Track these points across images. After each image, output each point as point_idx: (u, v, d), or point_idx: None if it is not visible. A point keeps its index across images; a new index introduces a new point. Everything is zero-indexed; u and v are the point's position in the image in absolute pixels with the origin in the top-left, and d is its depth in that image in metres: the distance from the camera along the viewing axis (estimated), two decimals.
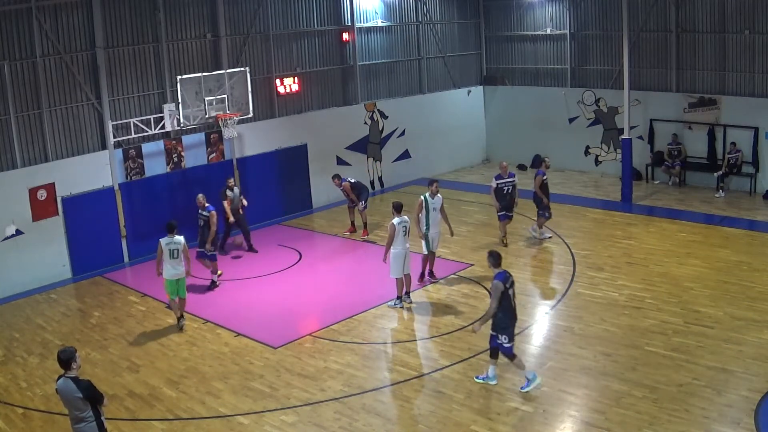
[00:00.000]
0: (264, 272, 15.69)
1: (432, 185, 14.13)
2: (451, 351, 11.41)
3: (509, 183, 15.98)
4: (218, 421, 9.84)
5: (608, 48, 22.44)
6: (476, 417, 9.46)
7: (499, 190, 15.91)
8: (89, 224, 16.27)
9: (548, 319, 12.56)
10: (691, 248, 15.53)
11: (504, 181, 15.95)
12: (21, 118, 15.46)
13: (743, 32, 19.49)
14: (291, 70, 20.15)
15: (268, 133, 19.53)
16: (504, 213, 16.11)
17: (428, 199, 13.99)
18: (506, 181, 15.96)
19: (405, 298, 13.37)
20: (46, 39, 15.60)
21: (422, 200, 14.02)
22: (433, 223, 14.01)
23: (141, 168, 17.25)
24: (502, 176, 15.97)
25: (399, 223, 13.03)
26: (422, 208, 13.94)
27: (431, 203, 14.00)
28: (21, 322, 13.89)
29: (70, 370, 7.45)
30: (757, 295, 12.80)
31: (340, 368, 11.09)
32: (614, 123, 22.20)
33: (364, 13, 21.94)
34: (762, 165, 19.49)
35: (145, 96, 17.30)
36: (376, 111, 22.30)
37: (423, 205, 13.95)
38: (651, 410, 9.29)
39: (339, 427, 9.48)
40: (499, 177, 15.98)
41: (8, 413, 10.37)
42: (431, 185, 14.16)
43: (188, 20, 17.90)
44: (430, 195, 14.01)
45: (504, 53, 25.17)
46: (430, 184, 14.22)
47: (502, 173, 16.00)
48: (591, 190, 21.06)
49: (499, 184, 15.92)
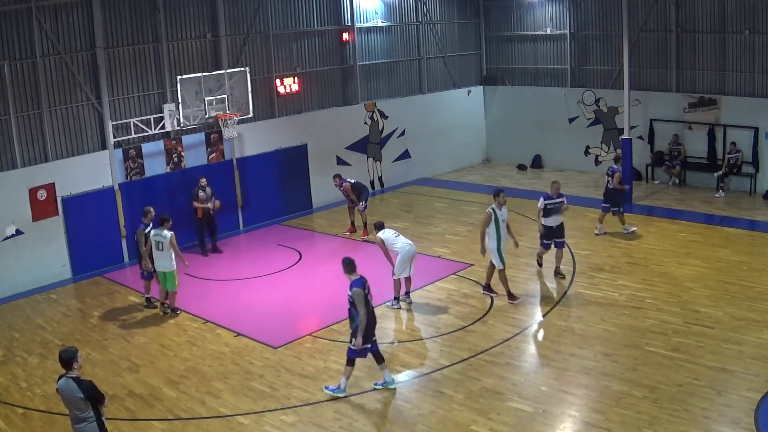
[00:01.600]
0: (264, 272, 15.68)
1: (498, 196, 13.03)
2: (451, 351, 11.41)
3: (558, 204, 14.01)
4: (218, 421, 9.84)
5: (608, 48, 22.45)
6: (476, 417, 9.46)
7: (547, 211, 13.99)
8: (89, 224, 16.27)
9: (548, 319, 12.56)
10: (691, 248, 15.53)
11: (553, 201, 13.95)
12: (21, 118, 15.46)
13: (743, 32, 19.49)
14: (291, 70, 20.15)
15: (268, 133, 19.53)
16: (552, 240, 14.17)
17: (496, 211, 12.93)
18: (555, 202, 13.97)
19: (405, 299, 13.36)
20: (46, 39, 15.60)
21: (491, 213, 12.91)
22: (503, 237, 12.97)
23: (141, 168, 17.24)
24: (551, 196, 13.98)
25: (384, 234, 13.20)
26: (491, 222, 12.88)
27: (500, 215, 12.94)
28: (21, 322, 13.89)
29: (72, 370, 7.46)
30: (757, 295, 12.80)
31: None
32: (614, 123, 22.20)
33: (364, 13, 21.94)
34: (762, 165, 19.49)
35: (145, 96, 17.30)
36: (376, 111, 22.30)
37: (492, 219, 12.87)
38: (651, 410, 9.29)
39: (339, 427, 9.48)
40: (548, 197, 13.98)
41: (8, 413, 10.37)
42: (497, 196, 13.05)
43: (188, 20, 17.90)
44: (497, 206, 12.97)
45: (504, 53, 25.17)
46: (497, 194, 13.10)
47: (552, 193, 14.00)
48: (591, 190, 21.04)
49: (547, 205, 13.96)
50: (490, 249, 13.03)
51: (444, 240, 17.14)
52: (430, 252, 16.06)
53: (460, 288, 14.07)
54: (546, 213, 13.89)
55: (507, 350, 11.34)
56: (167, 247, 13.13)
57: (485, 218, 13.00)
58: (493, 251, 13.01)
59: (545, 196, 13.99)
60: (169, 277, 13.29)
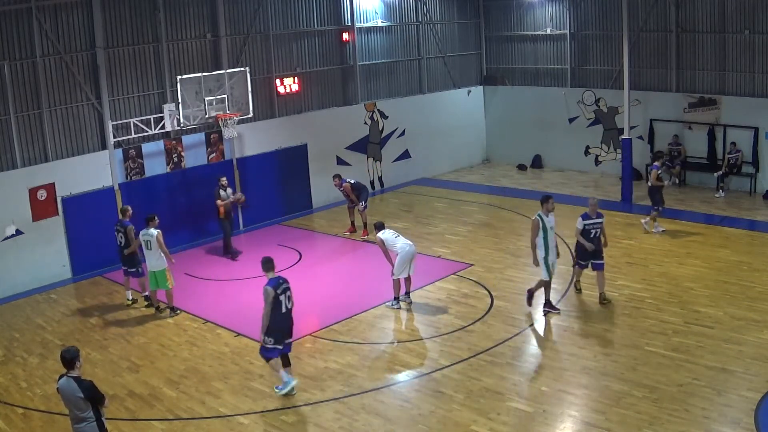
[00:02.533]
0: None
1: (547, 202, 12.31)
2: (451, 351, 11.41)
3: (597, 225, 12.80)
4: (218, 421, 9.84)
5: (608, 48, 22.45)
6: (476, 417, 9.46)
7: (586, 232, 12.75)
8: (89, 224, 16.26)
9: (548, 319, 12.55)
10: (691, 248, 15.53)
11: (592, 222, 12.75)
12: (21, 118, 15.46)
13: (743, 32, 19.49)
14: (291, 70, 20.15)
15: (268, 133, 19.53)
16: (590, 261, 12.93)
17: (544, 218, 12.25)
18: (594, 223, 12.77)
19: (405, 299, 13.36)
20: (46, 39, 15.60)
21: (538, 220, 12.23)
22: (552, 245, 12.34)
23: (141, 168, 17.25)
24: (590, 216, 12.81)
25: (384, 234, 13.17)
26: (539, 230, 12.24)
27: (547, 223, 12.28)
28: (21, 322, 13.89)
29: (74, 370, 7.46)
30: (757, 295, 12.80)
31: (340, 368, 11.09)
32: (614, 123, 22.20)
33: (364, 13, 21.95)
34: (762, 165, 19.49)
35: (145, 96, 17.31)
36: (376, 111, 22.30)
37: (540, 227, 12.22)
38: (651, 410, 9.29)
39: (339, 427, 9.48)
40: (587, 217, 12.80)
41: (8, 413, 10.37)
42: (546, 202, 12.31)
43: (188, 20, 17.90)
44: (545, 213, 12.26)
45: (504, 53, 25.17)
46: (545, 200, 12.34)
47: (590, 212, 12.83)
48: (591, 190, 21.04)
49: (586, 226, 12.74)
50: (539, 259, 12.39)
51: (444, 240, 17.14)
52: (430, 252, 16.06)
53: (460, 288, 14.07)
54: (585, 234, 12.76)
55: (507, 350, 11.34)
56: (155, 245, 13.14)
57: (533, 227, 12.28)
58: (540, 261, 12.36)
59: (584, 216, 12.83)
60: (160, 276, 13.26)
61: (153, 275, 13.35)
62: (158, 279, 13.30)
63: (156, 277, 13.30)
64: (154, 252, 13.20)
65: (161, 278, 13.29)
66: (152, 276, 13.38)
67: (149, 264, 13.33)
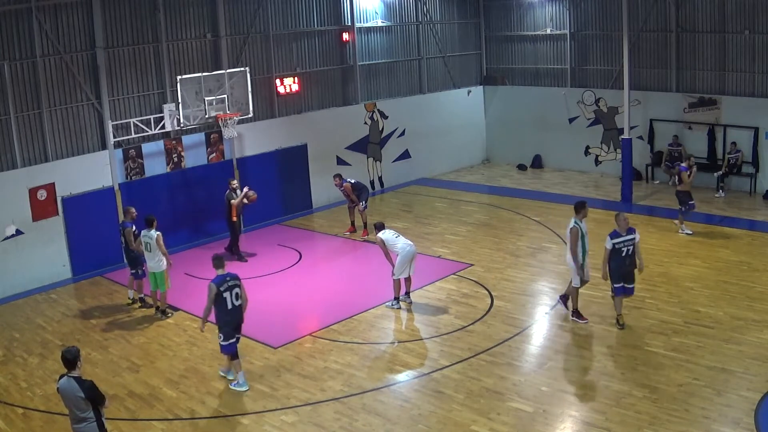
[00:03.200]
0: (264, 272, 15.68)
1: (583, 208, 11.99)
2: (451, 351, 11.41)
3: (629, 242, 11.56)
4: (218, 421, 9.84)
5: (608, 48, 22.45)
6: (476, 417, 9.46)
7: (616, 252, 11.53)
8: (89, 224, 16.27)
9: (548, 319, 12.56)
10: (691, 248, 15.53)
11: (622, 240, 11.52)
12: (21, 118, 15.46)
13: (743, 32, 19.49)
14: (291, 70, 20.15)
15: (268, 133, 19.53)
16: (622, 285, 11.69)
17: (580, 224, 11.88)
18: (625, 240, 11.54)
19: (405, 299, 13.36)
20: (46, 39, 15.60)
21: (576, 227, 11.76)
22: (587, 252, 11.94)
23: (141, 168, 17.25)
24: (620, 233, 11.56)
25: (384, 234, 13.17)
26: (578, 237, 11.80)
27: (583, 228, 11.91)
28: (21, 322, 13.89)
29: (74, 370, 7.46)
30: (757, 295, 12.80)
31: (340, 368, 11.10)
32: (614, 123, 22.21)
33: (364, 13, 21.95)
34: (762, 165, 19.50)
35: (145, 96, 17.31)
36: (376, 111, 22.30)
37: (579, 234, 11.78)
38: (651, 410, 9.29)
39: (339, 427, 9.49)
40: (616, 234, 11.55)
41: (8, 413, 10.37)
42: (582, 208, 11.97)
43: (188, 20, 17.90)
44: (580, 219, 11.91)
45: (504, 53, 25.17)
46: (581, 207, 11.99)
47: (620, 229, 11.57)
48: (591, 190, 21.06)
49: (616, 245, 11.50)
50: (569, 265, 12.05)
51: (444, 240, 17.14)
52: (430, 252, 16.06)
53: (460, 288, 14.07)
54: (615, 254, 11.49)
55: (507, 350, 11.34)
56: (155, 247, 13.14)
57: (572, 235, 11.78)
58: (574, 268, 11.95)
59: (612, 234, 11.55)
60: (159, 278, 13.28)
61: (153, 276, 13.36)
62: (158, 280, 13.30)
63: (156, 278, 13.31)
64: (153, 254, 13.20)
65: (160, 280, 13.29)
66: (152, 277, 13.39)
67: (149, 265, 13.34)
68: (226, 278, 10.39)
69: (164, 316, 13.48)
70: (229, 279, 10.41)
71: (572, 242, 11.82)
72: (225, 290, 10.30)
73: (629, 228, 11.61)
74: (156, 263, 13.18)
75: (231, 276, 10.47)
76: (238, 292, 10.44)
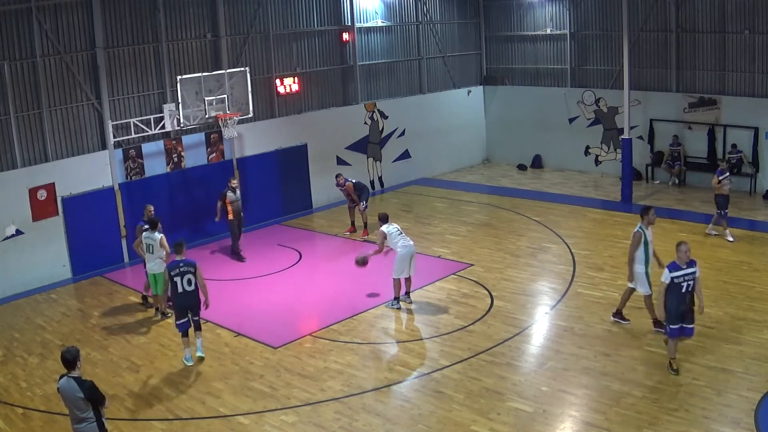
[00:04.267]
0: (264, 272, 15.69)
1: (648, 213, 11.40)
2: (451, 351, 11.41)
3: (689, 277, 9.96)
4: (218, 421, 9.84)
5: (608, 48, 22.45)
6: (476, 417, 9.46)
7: (674, 287, 9.90)
8: (89, 224, 16.27)
9: (548, 319, 12.56)
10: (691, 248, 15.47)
11: (682, 273, 9.91)
12: (21, 118, 15.46)
13: (743, 32, 19.49)
14: (291, 70, 20.15)
15: (268, 133, 19.53)
16: (680, 326, 10.03)
17: (645, 230, 11.36)
18: (685, 274, 9.93)
19: (405, 299, 13.35)
20: (46, 39, 15.60)
21: (641, 233, 11.28)
22: (651, 259, 11.43)
23: (141, 168, 17.25)
24: (679, 266, 9.96)
25: (388, 228, 13.15)
26: (640, 243, 11.31)
27: (648, 235, 11.37)
28: (21, 322, 13.89)
29: (74, 370, 7.46)
30: (757, 295, 12.80)
31: (340, 368, 11.09)
32: (614, 123, 22.21)
33: (364, 13, 21.95)
34: (762, 165, 19.49)
35: (145, 96, 17.31)
36: (376, 111, 22.30)
37: (642, 240, 11.29)
38: (651, 410, 9.29)
39: (339, 427, 9.48)
40: (675, 267, 9.95)
41: (8, 413, 10.37)
42: (647, 213, 11.40)
43: (188, 20, 17.90)
44: (645, 225, 11.38)
45: (504, 53, 25.17)
46: (646, 211, 11.43)
47: (679, 261, 9.97)
48: (591, 190, 21.07)
49: (675, 279, 9.89)
50: (636, 273, 11.49)
51: (444, 240, 17.14)
52: (430, 252, 16.06)
53: (460, 288, 14.07)
54: (673, 289, 9.93)
55: (507, 350, 11.34)
56: (157, 249, 13.09)
57: (634, 240, 11.33)
58: (640, 275, 11.42)
59: (671, 266, 9.99)
60: (159, 279, 13.18)
61: (153, 277, 13.27)
62: (157, 282, 13.23)
63: (155, 279, 13.24)
64: (155, 255, 13.11)
65: (160, 281, 13.22)
66: (152, 278, 13.30)
67: (149, 267, 13.28)
68: (179, 264, 11.17)
69: (164, 316, 13.46)
70: (183, 265, 11.16)
71: (631, 247, 11.37)
72: (176, 275, 11.12)
73: (690, 260, 10.02)
74: (156, 264, 13.14)
75: (185, 262, 11.20)
76: (191, 278, 11.16)
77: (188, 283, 11.17)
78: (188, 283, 11.17)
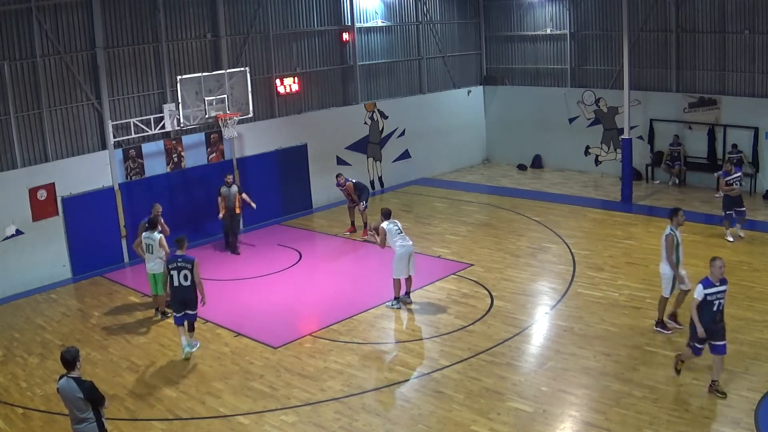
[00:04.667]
0: (264, 272, 15.69)
1: (677, 215, 11.36)
2: (451, 351, 11.41)
3: (721, 294, 9.52)
4: (218, 421, 9.84)
5: (608, 48, 22.45)
6: (476, 417, 9.46)
7: (707, 304, 9.42)
8: (89, 224, 16.27)
9: (548, 319, 12.56)
10: (691, 248, 15.46)
11: (715, 291, 9.45)
12: (21, 118, 15.46)
13: (743, 32, 19.49)
14: (291, 70, 20.15)
15: (268, 133, 19.53)
16: (711, 342, 9.51)
17: (675, 232, 11.25)
18: (718, 291, 9.47)
19: (405, 299, 13.35)
20: (46, 39, 15.60)
21: (672, 235, 11.17)
22: (681, 261, 11.30)
23: (141, 168, 17.25)
24: (713, 282, 9.47)
25: (389, 224, 13.13)
26: (674, 245, 11.18)
27: (678, 237, 11.24)
28: (21, 322, 13.89)
29: (74, 370, 7.46)
30: (757, 295, 12.80)
31: (340, 368, 11.09)
32: (614, 123, 22.21)
33: (364, 13, 21.95)
34: (762, 165, 19.49)
35: (145, 96, 17.31)
36: (376, 111, 22.30)
37: (674, 242, 11.16)
38: (651, 410, 9.29)
39: (339, 427, 9.48)
40: (709, 284, 9.46)
41: (8, 413, 10.37)
42: (677, 215, 11.37)
43: (188, 20, 17.90)
44: (675, 227, 11.29)
45: (504, 53, 25.17)
46: (675, 213, 11.40)
47: (713, 277, 9.49)
48: (591, 190, 21.07)
49: (708, 296, 9.41)
50: (663, 274, 11.37)
51: (444, 240, 17.14)
52: (430, 252, 16.06)
53: (460, 288, 14.07)
54: (705, 307, 9.43)
55: (507, 350, 11.34)
56: (157, 249, 13.11)
57: (667, 243, 11.18)
58: (666, 277, 11.33)
59: (704, 282, 9.48)
60: (159, 279, 13.15)
61: (153, 277, 13.27)
62: (157, 282, 13.23)
63: (155, 279, 13.23)
64: (155, 255, 13.13)
65: (159, 282, 13.20)
66: (152, 278, 13.30)
67: (148, 267, 13.27)
68: (177, 259, 11.46)
69: (164, 316, 13.46)
70: (180, 260, 11.44)
71: (667, 250, 11.19)
72: (173, 269, 11.43)
73: (723, 278, 9.57)
74: (156, 264, 13.15)
75: (183, 258, 11.46)
76: (187, 274, 11.40)
77: (184, 279, 11.41)
78: (184, 278, 11.41)
